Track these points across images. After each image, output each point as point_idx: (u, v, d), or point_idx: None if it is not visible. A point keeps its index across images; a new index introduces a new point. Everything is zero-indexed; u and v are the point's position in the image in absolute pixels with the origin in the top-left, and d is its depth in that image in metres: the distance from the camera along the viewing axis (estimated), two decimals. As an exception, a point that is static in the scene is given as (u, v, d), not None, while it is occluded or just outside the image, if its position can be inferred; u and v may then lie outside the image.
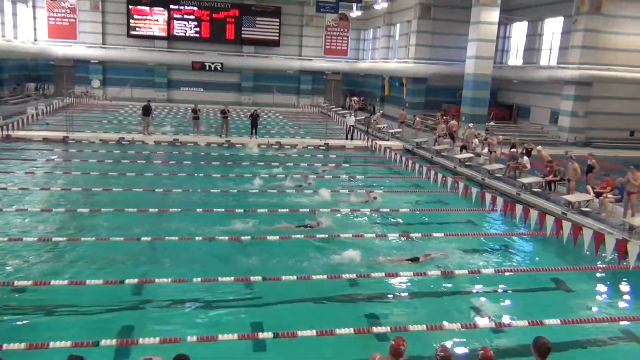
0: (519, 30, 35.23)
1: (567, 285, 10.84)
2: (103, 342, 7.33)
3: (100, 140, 24.53)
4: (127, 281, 9.56)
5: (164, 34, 42.90)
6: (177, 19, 42.93)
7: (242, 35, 43.88)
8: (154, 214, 13.87)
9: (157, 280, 9.61)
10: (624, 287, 11.22)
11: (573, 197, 15.40)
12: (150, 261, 10.93)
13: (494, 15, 28.14)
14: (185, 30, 43.18)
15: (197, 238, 11.95)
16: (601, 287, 11.13)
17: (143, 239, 11.85)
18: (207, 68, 42.72)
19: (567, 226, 11.28)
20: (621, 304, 10.46)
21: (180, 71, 43.70)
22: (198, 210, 14.21)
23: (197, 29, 43.22)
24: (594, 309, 10.03)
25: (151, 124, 27.38)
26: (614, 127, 30.59)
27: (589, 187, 15.85)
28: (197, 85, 44.29)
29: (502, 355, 7.53)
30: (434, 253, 11.68)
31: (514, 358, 7.58)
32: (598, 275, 11.56)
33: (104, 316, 8.58)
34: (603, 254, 11.30)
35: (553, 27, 31.87)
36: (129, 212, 13.75)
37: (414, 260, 11.30)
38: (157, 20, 42.67)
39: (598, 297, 10.69)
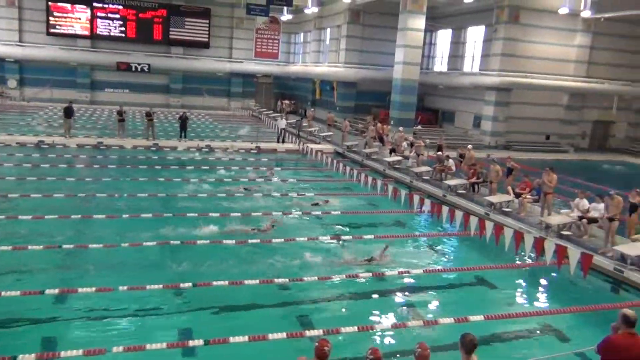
0: (443, 37, 36.55)
1: (490, 282, 11.33)
2: (21, 358, 6.91)
3: (17, 143, 23.21)
4: (47, 291, 9.07)
5: (86, 32, 41.16)
6: (101, 18, 41.33)
7: (171, 36, 42.86)
8: (76, 220, 13.28)
9: (80, 290, 9.18)
10: (542, 282, 11.86)
11: (495, 198, 16.12)
12: (72, 270, 10.47)
13: (420, 22, 29.01)
14: (110, 30, 41.63)
15: (123, 245, 11.52)
16: (521, 284, 11.72)
17: (65, 246, 11.32)
18: (134, 69, 41.37)
19: (489, 226, 11.75)
20: (539, 299, 11.06)
21: (104, 72, 42.03)
22: (124, 216, 13.73)
23: (123, 29, 41.78)
24: (515, 304, 10.52)
25: (73, 127, 26.18)
26: (531, 131, 32.37)
27: (509, 188, 16.65)
28: (122, 87, 42.77)
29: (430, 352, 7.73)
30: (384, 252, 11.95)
31: (441, 353, 7.79)
32: (518, 272, 12.16)
33: (22, 329, 8.13)
34: (522, 252, 11.88)
35: (475, 35, 33.30)
36: (50, 218, 13.09)
37: (370, 260, 11.58)
38: (79, 19, 40.89)
39: (518, 293, 11.22)
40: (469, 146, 20.90)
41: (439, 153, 20.86)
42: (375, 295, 10.32)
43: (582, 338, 8.54)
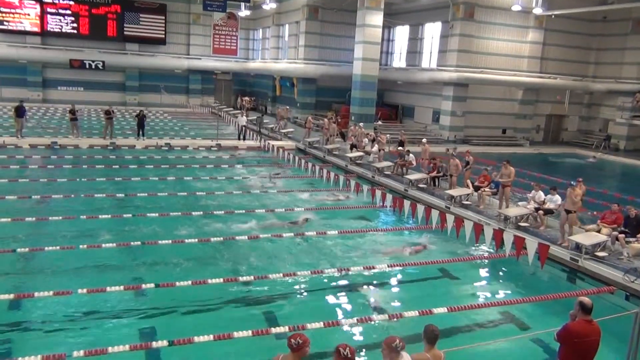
0: (401, 33, 36.93)
1: (452, 274, 11.54)
2: (-25, 367, 6.66)
3: (-36, 144, 22.29)
4: (1, 297, 8.73)
5: (36, 29, 39.71)
6: (52, 14, 39.96)
7: (125, 33, 41.83)
8: (30, 223, 12.82)
9: (36, 294, 8.85)
10: (502, 273, 12.16)
11: (455, 192, 16.42)
12: (28, 274, 10.14)
13: (378, 18, 29.23)
14: (61, 26, 40.32)
15: (81, 246, 11.18)
16: (482, 275, 11.99)
17: (19, 250, 10.94)
18: (88, 66, 40.20)
19: (450, 219, 11.95)
20: (500, 290, 11.31)
21: (57, 69, 40.65)
22: (82, 217, 13.35)
23: (75, 25, 40.54)
24: (477, 295, 10.75)
25: (25, 126, 25.27)
26: (488, 125, 33.14)
27: (468, 181, 16.98)
28: (76, 85, 41.49)
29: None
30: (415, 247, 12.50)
31: (407, 345, 7.86)
32: (479, 264, 12.42)
33: (-25, 338, 7.80)
34: (482, 244, 12.13)
35: (432, 31, 33.77)
36: (2, 222, 12.58)
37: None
38: (28, 15, 39.41)
39: (480, 285, 11.48)
40: (424, 140, 21.21)
41: (400, 148, 21.09)
42: (340, 291, 10.35)
43: (541, 326, 8.78)
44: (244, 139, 27.76)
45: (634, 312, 6.20)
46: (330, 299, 10.07)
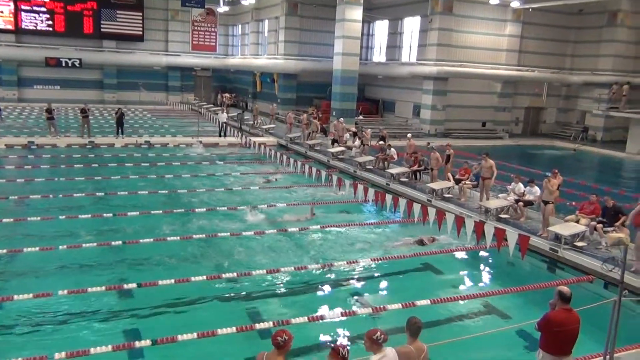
0: (381, 28, 36.99)
1: (435, 267, 11.62)
2: (-46, 372, 6.54)
3: (-62, 145, 21.82)
4: (-21, 300, 8.60)
5: (10, 27, 39.01)
6: (26, 11, 39.26)
7: (102, 30, 41.29)
8: (8, 224, 12.60)
9: (15, 297, 8.71)
10: (484, 265, 12.29)
11: (436, 185, 16.53)
12: (7, 276, 9.96)
13: (357, 13, 29.24)
14: (37, 24, 39.64)
15: (61, 247, 11.03)
16: (464, 267, 12.09)
17: (-3, 252, 10.74)
18: (64, 64, 39.65)
19: (432, 212, 12.03)
20: (482, 281, 11.45)
21: (32, 68, 39.95)
22: (61, 217, 13.16)
23: (50, 22, 39.89)
24: (459, 287, 10.84)
25: (0, 126, 24.81)
26: (468, 119, 33.41)
27: (449, 174, 17.11)
28: (53, 83, 40.87)
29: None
30: (435, 237, 12.64)
31: (391, 336, 7.92)
32: (460, 256, 12.52)
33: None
34: (464, 237, 12.24)
35: (412, 25, 33.89)
36: (-22, 224, 12.38)
37: (420, 242, 12.42)
38: (1, 12, 38.68)
39: (461, 276, 11.57)
40: (409, 135, 21.31)
41: (381, 142, 21.16)
42: (324, 286, 10.37)
43: (523, 315, 8.91)
44: (225, 135, 27.61)
45: (612, 300, 6.31)
46: (314, 294, 10.08)
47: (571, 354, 5.63)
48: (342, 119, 26.86)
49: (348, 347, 4.84)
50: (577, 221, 12.66)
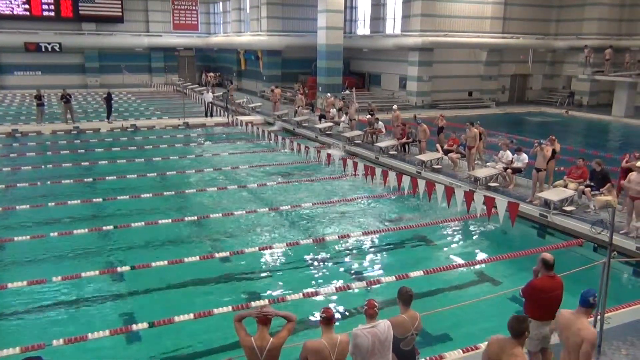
0: (364, 0, 36.56)
1: (426, 238, 11.73)
2: (-49, 362, 6.54)
3: None
4: (-28, 291, 8.56)
5: (-14, 12, 38.11)
6: (1, -4, 38.33)
7: (81, 12, 40.38)
8: (-3, 213, 12.52)
9: (10, 285, 8.70)
10: (474, 234, 12.41)
11: (425, 157, 16.57)
12: (-1, 266, 9.91)
13: (340, -15, 28.84)
14: (12, 8, 38.69)
15: (52, 234, 10.98)
16: (455, 237, 12.21)
17: (-13, 242, 10.69)
18: (44, 49, 38.87)
19: (421, 184, 12.07)
20: (473, 250, 11.55)
21: (11, 54, 39.11)
22: (50, 204, 13.06)
23: (27, 7, 38.94)
24: (451, 257, 10.96)
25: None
26: (454, 89, 33.35)
27: (437, 146, 17.15)
28: (33, 69, 40.05)
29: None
30: None
31: (387, 308, 8.03)
32: (451, 226, 12.63)
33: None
34: (454, 207, 12.32)
35: (395, -4, 33.51)
36: (-34, 214, 12.28)
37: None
38: (-24, -2, 37.77)
39: (453, 246, 11.69)
40: (394, 106, 21.27)
41: (369, 116, 21.10)
42: (317, 261, 10.44)
43: (514, 281, 9.03)
44: (212, 115, 27.39)
45: (601, 262, 6.41)
46: (308, 269, 10.15)
47: (554, 317, 5.73)
48: (328, 94, 26.72)
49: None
50: (566, 186, 12.78)
